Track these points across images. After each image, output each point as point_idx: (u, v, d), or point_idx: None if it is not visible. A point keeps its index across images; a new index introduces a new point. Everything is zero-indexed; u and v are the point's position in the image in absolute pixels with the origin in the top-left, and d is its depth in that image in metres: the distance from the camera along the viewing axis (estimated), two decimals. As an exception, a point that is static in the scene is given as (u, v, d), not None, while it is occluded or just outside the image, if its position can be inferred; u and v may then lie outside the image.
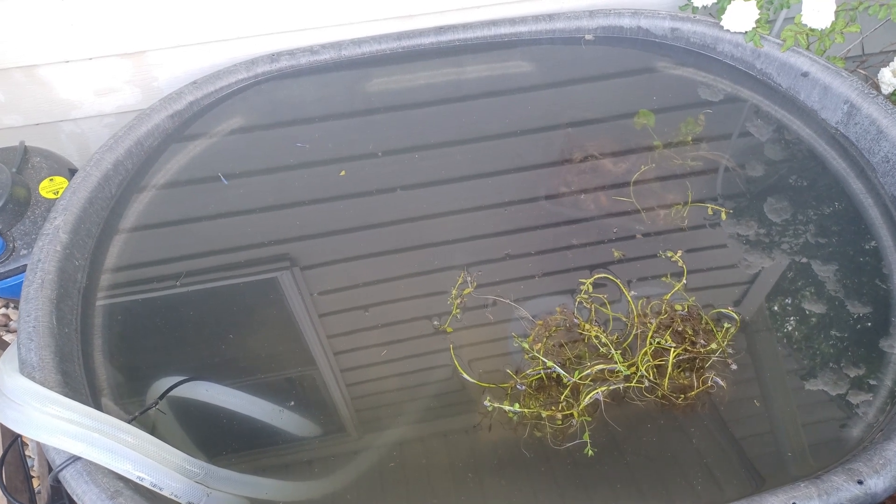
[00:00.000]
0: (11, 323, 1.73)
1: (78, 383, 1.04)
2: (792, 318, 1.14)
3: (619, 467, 0.98)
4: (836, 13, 1.37)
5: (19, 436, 1.35)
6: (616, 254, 1.21)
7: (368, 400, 1.11)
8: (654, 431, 1.01)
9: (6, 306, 1.78)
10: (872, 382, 1.04)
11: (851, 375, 1.06)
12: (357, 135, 1.46)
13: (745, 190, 1.31)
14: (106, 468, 0.90)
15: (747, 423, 1.02)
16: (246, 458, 1.03)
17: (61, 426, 0.90)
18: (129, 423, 0.96)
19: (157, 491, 0.92)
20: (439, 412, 1.07)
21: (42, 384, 0.96)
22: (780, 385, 1.07)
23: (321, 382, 1.12)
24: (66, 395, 0.96)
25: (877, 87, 1.50)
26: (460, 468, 1.00)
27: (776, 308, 1.15)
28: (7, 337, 1.70)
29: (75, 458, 0.90)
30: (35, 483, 1.40)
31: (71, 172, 1.37)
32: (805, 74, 1.38)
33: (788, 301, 1.16)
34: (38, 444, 1.41)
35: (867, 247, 1.21)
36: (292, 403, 1.08)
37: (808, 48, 1.40)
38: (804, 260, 1.20)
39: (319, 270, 1.25)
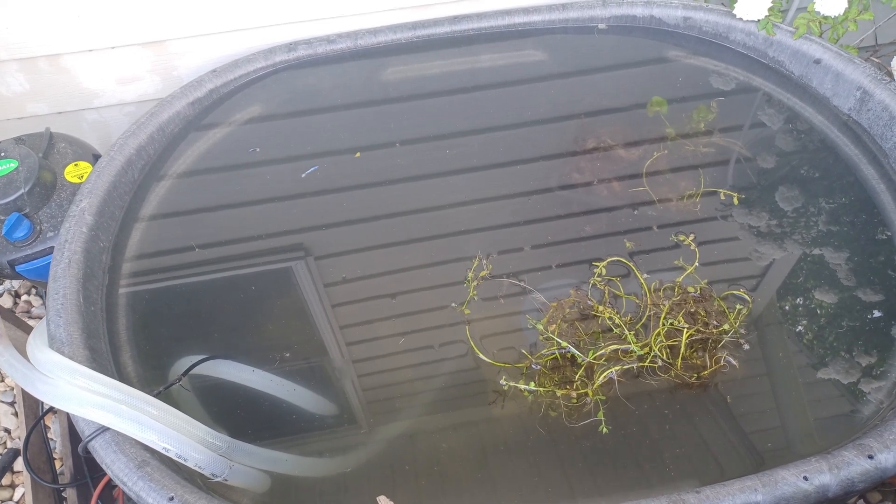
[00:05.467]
0: (33, 310, 1.77)
1: (104, 360, 1.07)
2: (804, 304, 1.15)
3: (637, 443, 1.00)
4: (850, 1, 1.37)
5: (41, 419, 1.39)
6: (628, 244, 1.23)
7: (385, 383, 1.14)
8: (669, 408, 1.02)
9: (28, 293, 1.81)
10: (883, 368, 1.05)
11: (863, 361, 1.06)
12: (372, 124, 1.48)
13: (757, 176, 1.32)
14: (133, 439, 0.93)
15: (760, 400, 1.04)
16: (265, 436, 1.06)
17: (90, 398, 0.93)
18: (154, 397, 0.99)
19: (182, 462, 0.94)
20: (456, 391, 1.09)
21: (71, 359, 0.99)
22: (793, 369, 1.08)
23: (339, 367, 1.14)
24: (93, 370, 0.99)
25: (890, 76, 1.50)
26: (476, 446, 1.02)
27: (789, 294, 1.16)
28: (31, 323, 1.74)
29: (104, 429, 0.93)
30: (57, 464, 1.43)
31: (95, 158, 1.40)
32: (818, 61, 1.39)
33: (801, 287, 1.17)
34: (60, 425, 1.45)
35: (880, 233, 1.22)
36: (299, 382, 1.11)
37: (820, 36, 1.41)
38: (816, 248, 1.21)
39: (334, 260, 1.27)
